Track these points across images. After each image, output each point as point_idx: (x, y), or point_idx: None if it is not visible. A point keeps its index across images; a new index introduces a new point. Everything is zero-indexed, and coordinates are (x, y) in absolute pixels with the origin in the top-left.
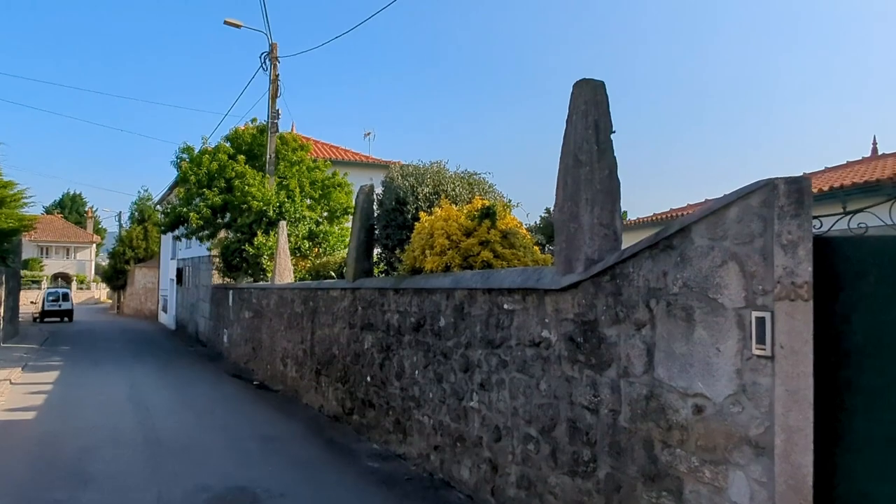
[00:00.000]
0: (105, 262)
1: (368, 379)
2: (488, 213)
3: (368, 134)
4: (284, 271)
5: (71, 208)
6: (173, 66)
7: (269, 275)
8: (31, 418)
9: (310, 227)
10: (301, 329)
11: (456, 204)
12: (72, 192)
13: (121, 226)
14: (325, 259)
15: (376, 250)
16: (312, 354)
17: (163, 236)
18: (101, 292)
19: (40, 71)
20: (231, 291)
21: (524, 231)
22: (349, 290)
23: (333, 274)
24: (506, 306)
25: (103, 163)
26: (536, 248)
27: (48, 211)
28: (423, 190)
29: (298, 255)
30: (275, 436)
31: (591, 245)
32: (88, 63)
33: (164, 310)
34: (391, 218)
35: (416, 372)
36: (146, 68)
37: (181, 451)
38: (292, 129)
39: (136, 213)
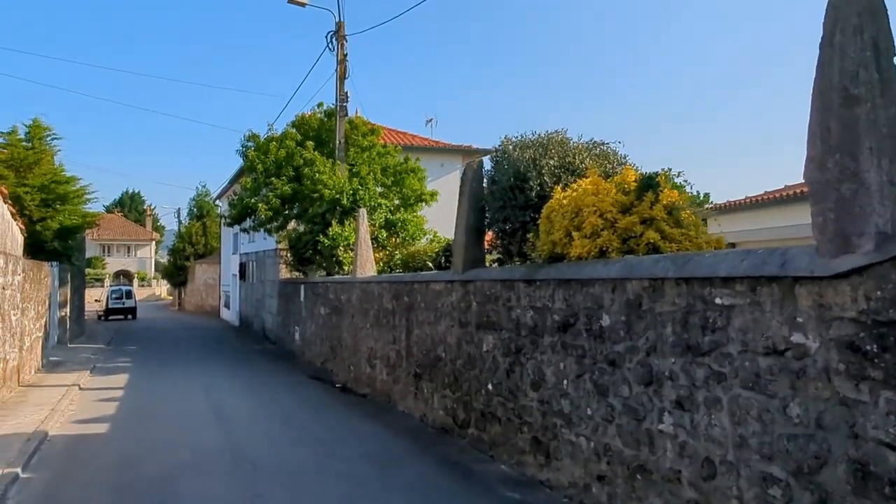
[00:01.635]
0: (164, 259)
1: (490, 387)
2: (650, 185)
3: (430, 120)
4: (366, 263)
5: (130, 206)
6: (234, 50)
7: (346, 268)
8: (103, 432)
9: (385, 216)
10: (393, 327)
11: (580, 178)
12: (131, 191)
13: (180, 222)
14: (416, 248)
15: (487, 235)
16: (409, 356)
17: (223, 231)
18: (162, 289)
19: (92, 55)
20: (302, 286)
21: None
22: (458, 282)
23: (431, 264)
24: (718, 301)
25: (161, 155)
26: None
27: (108, 210)
28: (547, 163)
29: (375, 245)
30: (380, 453)
31: (881, 213)
32: (143, 49)
33: (227, 306)
34: (509, 197)
35: (565, 382)
36: (204, 54)
37: (280, 476)
38: (356, 115)
39: (195, 209)
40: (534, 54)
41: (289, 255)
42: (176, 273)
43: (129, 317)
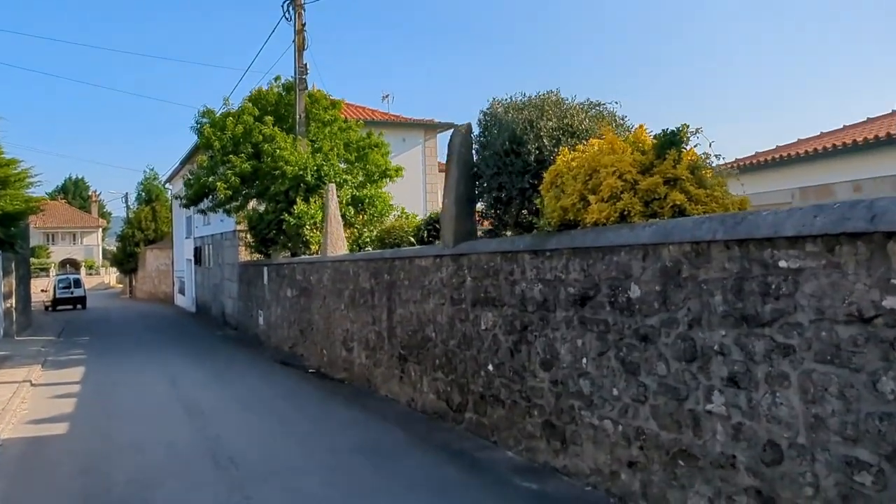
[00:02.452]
0: (113, 246)
1: (490, 368)
2: (673, 141)
3: (387, 96)
4: (338, 241)
5: (74, 193)
6: (183, 20)
7: (312, 247)
8: (63, 433)
9: (352, 192)
10: (372, 307)
11: (580, 141)
12: (74, 177)
13: (128, 207)
14: (391, 224)
15: (479, 206)
16: (391, 337)
17: (175, 215)
18: (111, 277)
19: (35, 27)
20: (266, 268)
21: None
22: (449, 256)
23: (413, 240)
24: (783, 264)
25: (107, 138)
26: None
27: (51, 196)
28: (545, 124)
29: (343, 223)
30: (371, 444)
31: None
32: (85, 20)
33: (182, 292)
34: (504, 163)
35: (584, 360)
36: (154, 24)
37: (267, 477)
38: (314, 88)
39: (143, 194)
40: (486, 25)
41: (249, 236)
42: (126, 260)
43: (79, 306)
